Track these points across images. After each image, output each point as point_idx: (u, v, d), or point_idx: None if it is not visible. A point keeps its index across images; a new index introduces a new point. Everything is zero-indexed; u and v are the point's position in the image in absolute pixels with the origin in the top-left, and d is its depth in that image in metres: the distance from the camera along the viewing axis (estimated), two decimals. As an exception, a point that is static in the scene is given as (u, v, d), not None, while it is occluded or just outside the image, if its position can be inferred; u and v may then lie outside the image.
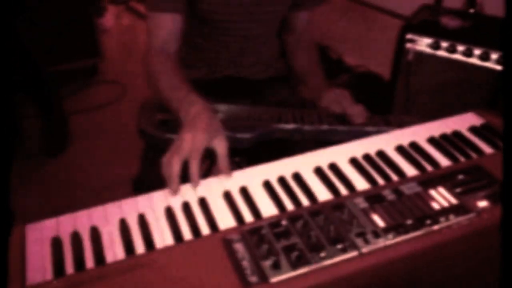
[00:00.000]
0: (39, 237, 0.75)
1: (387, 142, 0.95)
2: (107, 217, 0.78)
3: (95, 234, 0.75)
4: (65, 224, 0.77)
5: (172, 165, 0.83)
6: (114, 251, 0.72)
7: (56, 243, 0.73)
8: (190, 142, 0.86)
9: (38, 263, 0.71)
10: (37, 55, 2.19)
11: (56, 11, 2.50)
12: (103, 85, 2.76)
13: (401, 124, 1.07)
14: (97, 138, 2.38)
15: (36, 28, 2.31)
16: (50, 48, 2.45)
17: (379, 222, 0.74)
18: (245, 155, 1.25)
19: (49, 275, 0.69)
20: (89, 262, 0.71)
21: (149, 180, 1.08)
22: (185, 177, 0.85)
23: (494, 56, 1.60)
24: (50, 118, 2.29)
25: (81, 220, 0.77)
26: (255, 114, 1.09)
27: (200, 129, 0.88)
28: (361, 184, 0.85)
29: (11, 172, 0.87)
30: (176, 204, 0.81)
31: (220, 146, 0.89)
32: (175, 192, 0.82)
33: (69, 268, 0.70)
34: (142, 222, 0.77)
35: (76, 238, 0.74)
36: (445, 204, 0.78)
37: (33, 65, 2.17)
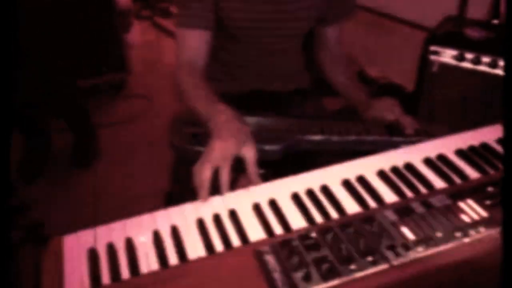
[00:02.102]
0: (76, 248, 0.77)
1: (414, 154, 0.96)
2: (141, 229, 0.80)
3: (130, 246, 0.77)
4: (101, 235, 0.79)
5: (203, 172, 0.85)
6: (149, 262, 0.74)
7: (93, 254, 0.76)
8: (220, 150, 0.88)
9: (75, 273, 0.73)
10: (64, 70, 2.25)
11: (83, 27, 2.58)
12: (130, 99, 2.82)
13: (429, 133, 1.07)
14: (124, 151, 2.43)
15: (63, 44, 2.38)
16: (78, 63, 2.53)
17: (409, 234, 0.74)
18: (270, 167, 1.26)
19: (86, 286, 0.71)
20: (124, 273, 0.73)
21: (181, 194, 1.11)
22: (214, 189, 0.87)
23: (520, 67, 1.58)
24: (79, 132, 2.35)
25: (116, 231, 0.80)
26: (283, 126, 1.10)
27: (229, 137, 0.91)
28: (389, 196, 0.85)
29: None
30: (207, 216, 0.83)
31: (249, 154, 0.91)
32: (205, 199, 0.84)
33: (106, 279, 0.72)
34: (175, 233, 0.79)
35: (111, 249, 0.76)
36: (475, 216, 0.78)
37: (60, 81, 2.23)
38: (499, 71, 1.62)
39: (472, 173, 0.90)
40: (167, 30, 3.57)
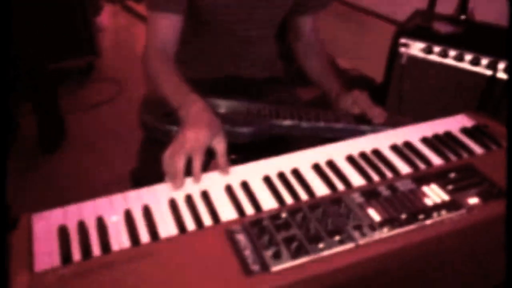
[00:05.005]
0: (46, 226, 0.77)
1: (382, 141, 0.99)
2: (112, 208, 0.80)
3: (101, 224, 0.77)
4: (71, 214, 0.79)
5: (176, 161, 0.85)
6: (120, 241, 0.75)
7: (63, 232, 0.75)
8: (193, 140, 0.88)
9: (45, 250, 0.73)
10: (32, 53, 2.20)
11: (53, 10, 2.52)
12: (100, 83, 2.78)
13: (395, 123, 1.10)
14: (94, 135, 2.39)
15: (32, 26, 2.32)
16: (47, 47, 2.47)
17: (375, 216, 0.77)
18: (242, 152, 1.27)
19: (56, 262, 0.71)
20: (96, 250, 0.73)
21: (148, 173, 1.11)
22: (186, 172, 0.87)
23: (484, 61, 1.64)
24: (45, 115, 2.30)
25: (87, 210, 0.80)
26: (254, 109, 1.11)
27: (202, 127, 0.91)
28: (357, 180, 0.88)
29: (7, 168, 0.88)
30: (179, 197, 0.83)
31: (220, 145, 0.92)
32: (179, 187, 0.85)
33: (76, 255, 0.72)
34: (147, 213, 0.79)
35: (82, 227, 0.76)
36: (438, 200, 0.81)
37: (27, 63, 2.17)
38: (465, 65, 1.68)
39: (436, 160, 0.94)
40: (138, 14, 3.52)
